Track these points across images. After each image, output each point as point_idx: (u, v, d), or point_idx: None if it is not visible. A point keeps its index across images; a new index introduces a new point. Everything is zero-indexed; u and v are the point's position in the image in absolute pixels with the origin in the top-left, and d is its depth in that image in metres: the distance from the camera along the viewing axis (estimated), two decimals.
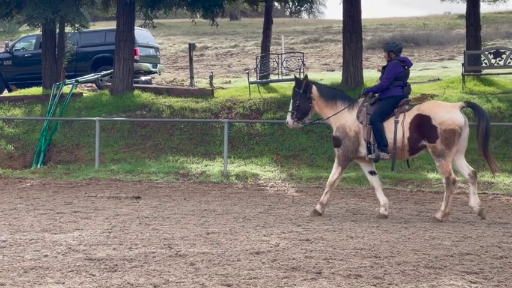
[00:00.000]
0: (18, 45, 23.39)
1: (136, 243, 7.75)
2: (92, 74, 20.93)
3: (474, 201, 9.58)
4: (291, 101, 10.15)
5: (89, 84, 22.72)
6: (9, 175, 14.77)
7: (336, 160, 9.95)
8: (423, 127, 9.43)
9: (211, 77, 22.27)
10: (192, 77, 22.25)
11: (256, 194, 12.45)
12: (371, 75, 23.53)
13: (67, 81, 19.27)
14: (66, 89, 18.55)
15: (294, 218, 9.79)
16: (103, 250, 7.38)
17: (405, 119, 9.53)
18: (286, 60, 20.40)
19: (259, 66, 20.33)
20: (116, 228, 8.75)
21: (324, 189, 10.18)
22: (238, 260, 6.92)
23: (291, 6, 22.80)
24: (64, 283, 6.06)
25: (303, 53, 21.08)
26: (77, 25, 19.82)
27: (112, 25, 23.93)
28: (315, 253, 7.27)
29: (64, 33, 20.79)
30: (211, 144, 15.97)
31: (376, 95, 9.89)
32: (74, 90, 18.60)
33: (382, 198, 9.93)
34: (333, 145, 10.18)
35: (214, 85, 21.66)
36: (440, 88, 17.94)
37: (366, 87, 10.54)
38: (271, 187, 13.17)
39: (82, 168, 15.10)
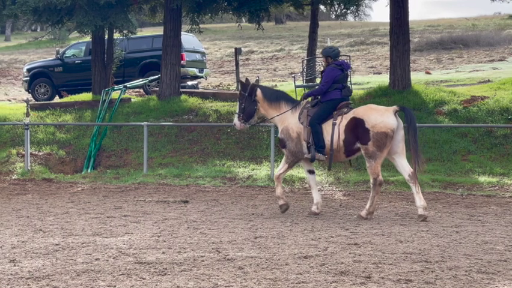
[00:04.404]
0: (69, 52, 23.86)
1: (185, 247, 7.81)
2: (140, 80, 21.20)
3: (419, 202, 9.74)
4: (238, 103, 10.73)
5: (137, 90, 23.02)
6: (61, 180, 15.05)
7: (284, 157, 10.51)
8: (357, 130, 9.80)
9: (257, 81, 22.30)
10: (238, 82, 22.30)
11: (304, 197, 12.41)
12: (419, 78, 23.27)
13: (116, 86, 19.54)
14: (115, 95, 18.81)
15: (342, 221, 9.73)
16: (152, 254, 7.47)
17: (342, 121, 9.94)
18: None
19: (305, 69, 20.29)
20: (165, 232, 8.84)
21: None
22: (286, 264, 6.91)
23: (337, 9, 22.68)
24: (115, 286, 6.15)
25: (349, 56, 20.97)
26: (125, 31, 20.10)
27: (159, 31, 24.22)
28: (364, 257, 7.21)
29: (113, 40, 21.11)
30: (258, 148, 15.98)
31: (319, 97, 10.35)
32: (122, 96, 18.85)
33: (316, 197, 10.45)
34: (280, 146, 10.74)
35: None
36: (490, 90, 17.60)
37: (307, 91, 10.99)
38: (318, 191, 13.10)
39: (130, 173, 15.29)
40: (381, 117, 9.72)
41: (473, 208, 11.09)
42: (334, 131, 9.92)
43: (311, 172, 10.54)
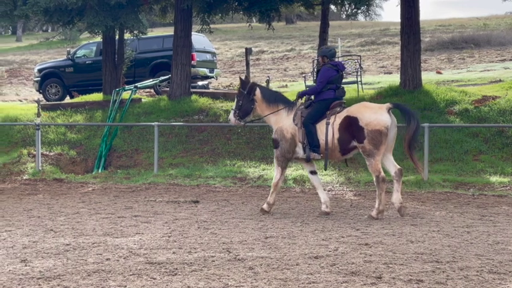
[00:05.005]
0: (80, 53, 23.94)
1: (195, 247, 7.82)
2: (151, 80, 21.25)
3: (396, 197, 9.94)
4: (235, 99, 10.80)
5: (148, 90, 23.06)
6: (72, 180, 15.10)
7: (275, 161, 10.59)
8: (351, 128, 9.86)
9: (267, 81, 22.30)
10: None
11: (314, 198, 12.38)
12: (430, 78, 23.19)
13: (126, 87, 19.60)
14: (125, 95, 18.86)
15: (353, 222, 9.71)
16: (163, 254, 7.48)
17: (336, 120, 10.00)
18: (343, 63, 20.28)
19: (315, 69, 20.26)
20: (176, 232, 8.85)
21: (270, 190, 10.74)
22: (297, 265, 6.90)
23: (347, 9, 22.66)
24: (125, 286, 6.16)
25: (360, 56, 20.95)
26: (136, 32, 20.16)
27: (169, 31, 24.25)
28: (375, 257, 7.19)
29: (123, 40, 21.16)
30: (269, 148, 15.97)
31: (312, 97, 10.45)
32: (133, 96, 18.90)
33: (323, 196, 10.46)
34: (273, 146, 10.77)
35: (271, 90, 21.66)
36: (502, 89, 17.52)
37: (301, 90, 11.15)
38: (329, 191, 13.09)
39: (141, 173, 15.31)
40: (374, 115, 9.75)
41: (484, 208, 11.03)
42: (328, 130, 9.97)
43: (313, 173, 10.58)
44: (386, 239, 8.28)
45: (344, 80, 20.08)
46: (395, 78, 21.25)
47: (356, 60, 19.92)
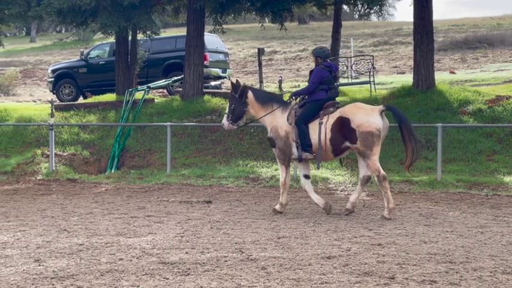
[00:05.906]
0: (93, 53, 24.05)
1: (208, 247, 7.83)
2: (163, 80, 21.30)
3: (353, 198, 10.27)
4: (228, 103, 10.85)
5: (161, 90, 23.12)
6: (85, 180, 15.16)
7: (278, 161, 10.64)
8: (343, 129, 9.87)
9: (280, 81, 22.29)
10: (261, 82, 22.33)
11: (327, 198, 12.36)
12: (443, 77, 23.10)
13: (139, 87, 19.65)
14: (138, 95, 18.91)
15: (365, 222, 9.69)
16: (175, 254, 7.49)
17: (329, 120, 10.03)
18: (356, 64, 20.27)
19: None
20: (188, 233, 8.87)
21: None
22: (309, 265, 6.90)
23: (360, 9, 22.59)
24: (138, 286, 6.18)
25: (372, 56, 20.88)
26: (148, 32, 20.21)
27: (182, 31, 24.30)
28: (388, 258, 7.18)
29: (136, 41, 21.23)
30: None
31: (306, 96, 10.48)
32: (146, 96, 18.94)
33: (315, 197, 10.51)
34: (270, 145, 10.82)
35: (284, 89, 21.66)
36: None
37: (294, 90, 11.16)
38: (341, 191, 13.07)
39: (154, 173, 15.35)
40: (366, 117, 9.75)
41: (498, 209, 10.97)
42: (321, 130, 9.98)
43: (306, 177, 10.56)
44: (399, 239, 8.26)
45: (356, 80, 20.18)
46: (408, 78, 21.17)
47: (369, 60, 19.87)
